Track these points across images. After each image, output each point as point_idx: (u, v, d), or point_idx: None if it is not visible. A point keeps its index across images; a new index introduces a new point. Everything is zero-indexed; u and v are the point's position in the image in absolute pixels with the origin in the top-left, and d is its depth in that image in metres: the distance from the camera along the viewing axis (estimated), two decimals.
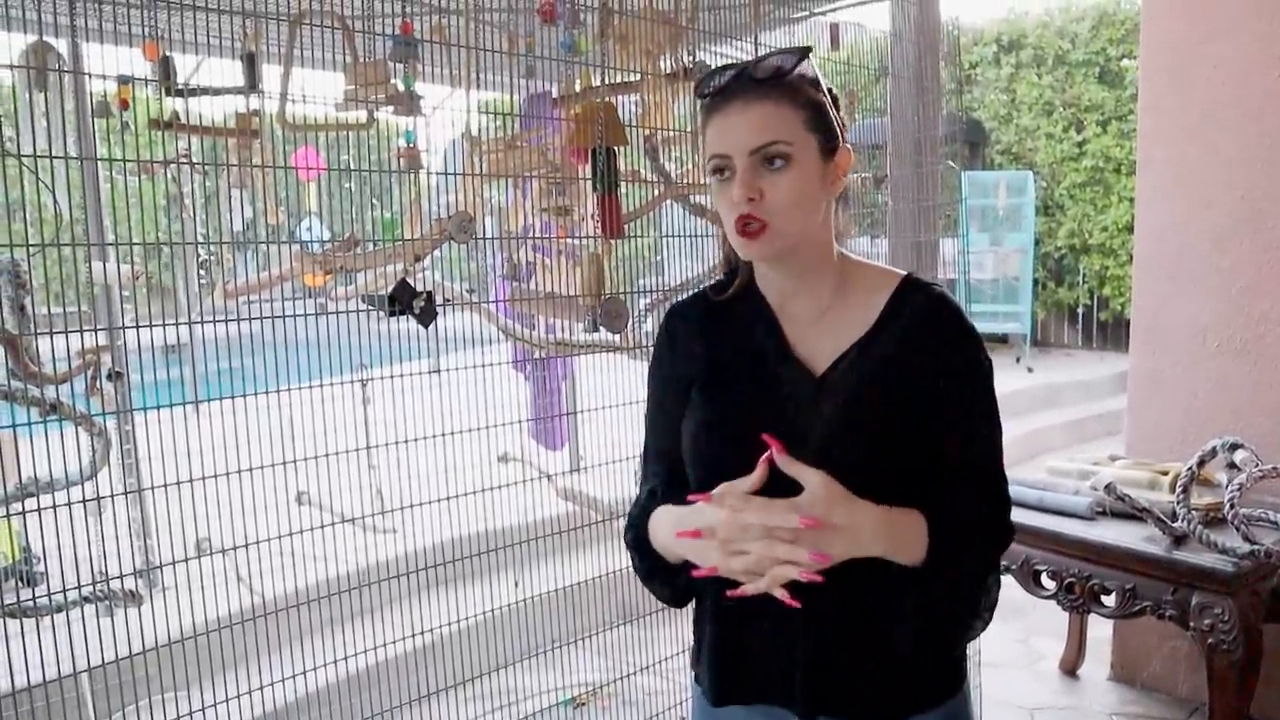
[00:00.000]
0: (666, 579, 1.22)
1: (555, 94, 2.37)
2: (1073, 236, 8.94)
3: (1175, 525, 2.42)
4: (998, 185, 8.68)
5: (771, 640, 1.17)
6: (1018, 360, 8.34)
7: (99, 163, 2.81)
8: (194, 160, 2.08)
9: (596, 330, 2.25)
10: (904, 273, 1.21)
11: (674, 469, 1.23)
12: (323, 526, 2.25)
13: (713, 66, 1.23)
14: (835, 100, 1.16)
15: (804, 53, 1.13)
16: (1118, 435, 4.91)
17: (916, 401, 1.13)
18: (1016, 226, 8.71)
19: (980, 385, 1.18)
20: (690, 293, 1.31)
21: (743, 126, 1.11)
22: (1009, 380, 7.41)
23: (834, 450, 1.10)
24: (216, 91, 2.02)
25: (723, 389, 1.21)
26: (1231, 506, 2.35)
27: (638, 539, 1.23)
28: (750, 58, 1.16)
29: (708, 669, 1.24)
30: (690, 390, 1.22)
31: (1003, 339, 9.00)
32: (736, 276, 1.24)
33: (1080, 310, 9.22)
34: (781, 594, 1.03)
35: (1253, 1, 2.85)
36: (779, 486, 1.05)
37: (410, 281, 1.98)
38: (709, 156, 1.15)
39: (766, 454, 1.05)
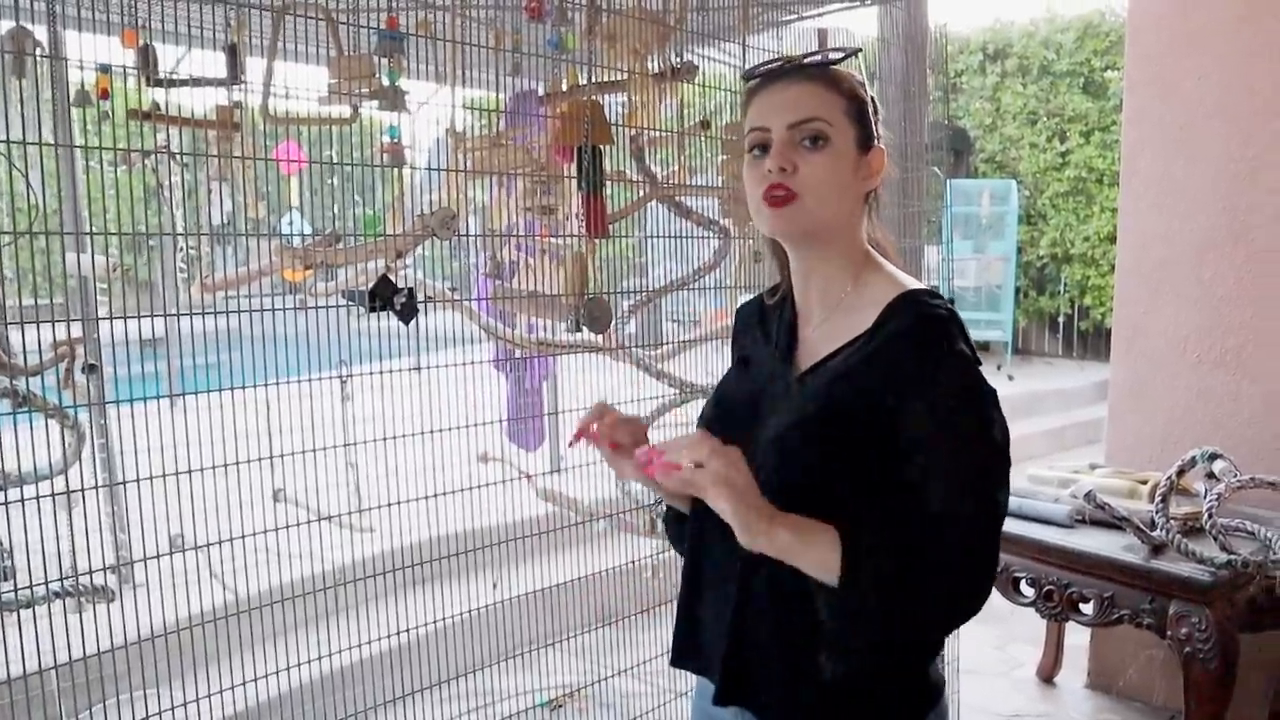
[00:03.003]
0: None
1: (541, 92, 2.35)
2: (1055, 246, 8.99)
3: (1154, 534, 2.43)
4: (981, 193, 8.74)
5: (714, 611, 1.19)
6: (998, 368, 8.39)
7: (77, 152, 2.77)
8: (174, 151, 2.05)
9: (579, 330, 2.24)
10: (911, 287, 1.15)
11: None
12: (300, 524, 2.23)
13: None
14: (876, 107, 1.19)
15: (854, 52, 1.17)
16: (1097, 444, 4.94)
17: (876, 417, 1.07)
18: (999, 235, 8.76)
19: (953, 413, 1.06)
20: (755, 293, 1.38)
21: (785, 102, 1.14)
22: None
23: (783, 448, 1.11)
24: (197, 82, 2.00)
25: (730, 379, 1.30)
26: (1210, 516, 2.36)
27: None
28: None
29: (674, 628, 1.27)
30: None
31: (984, 347, 9.06)
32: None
33: (1061, 319, 9.29)
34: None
35: (1236, 14, 2.87)
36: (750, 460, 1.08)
37: (391, 278, 1.96)
38: (747, 131, 1.17)
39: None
